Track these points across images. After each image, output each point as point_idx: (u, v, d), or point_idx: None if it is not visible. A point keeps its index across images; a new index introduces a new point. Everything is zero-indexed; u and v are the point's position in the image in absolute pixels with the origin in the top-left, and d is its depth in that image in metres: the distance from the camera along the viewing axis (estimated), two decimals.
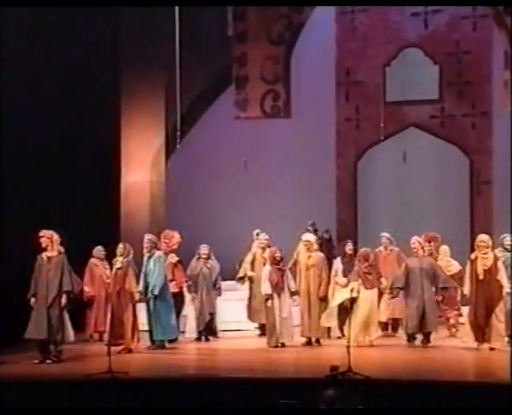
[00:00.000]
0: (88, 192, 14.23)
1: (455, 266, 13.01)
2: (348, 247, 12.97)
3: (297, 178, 16.33)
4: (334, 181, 16.60)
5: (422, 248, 12.32)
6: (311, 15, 15.97)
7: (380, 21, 16.24)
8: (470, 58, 16.10)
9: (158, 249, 12.37)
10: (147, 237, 12.37)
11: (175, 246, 13.23)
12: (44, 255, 11.05)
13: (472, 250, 15.74)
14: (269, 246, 13.11)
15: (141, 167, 15.46)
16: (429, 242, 13.66)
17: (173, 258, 13.13)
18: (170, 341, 12.27)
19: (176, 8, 13.46)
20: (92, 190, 14.24)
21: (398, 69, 16.29)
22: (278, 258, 12.17)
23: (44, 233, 11.06)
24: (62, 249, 11.12)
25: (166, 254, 13.02)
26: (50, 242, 11.01)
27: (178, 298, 13.07)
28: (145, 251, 12.24)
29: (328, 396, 6.70)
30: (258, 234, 13.66)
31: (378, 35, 16.20)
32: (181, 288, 13.12)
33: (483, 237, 11.79)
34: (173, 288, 12.86)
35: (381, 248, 13.38)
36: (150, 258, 12.19)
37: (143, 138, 15.45)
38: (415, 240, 12.33)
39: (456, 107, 16.24)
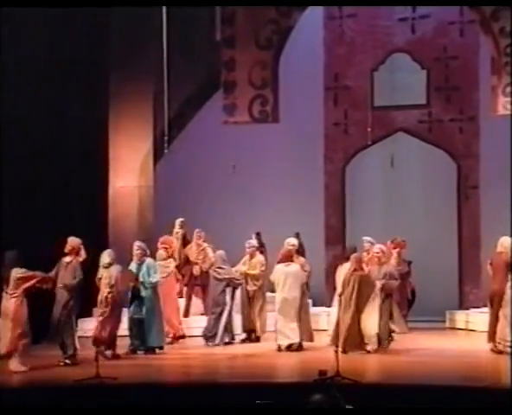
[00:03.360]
0: (76, 197, 14.20)
1: None
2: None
3: (286, 183, 16.35)
4: (322, 185, 16.61)
5: (384, 255, 12.35)
6: (299, 20, 15.98)
7: (368, 26, 16.28)
8: (458, 63, 16.15)
9: (148, 256, 12.34)
10: (137, 244, 12.29)
11: (173, 252, 13.35)
12: (63, 261, 11.31)
13: (460, 253, 15.90)
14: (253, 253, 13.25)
15: (129, 172, 15.45)
16: (394, 248, 13.71)
17: (171, 263, 13.21)
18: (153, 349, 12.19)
19: (164, 12, 13.48)
20: (80, 195, 14.21)
21: (386, 74, 16.33)
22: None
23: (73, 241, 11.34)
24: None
25: (165, 260, 13.08)
26: (74, 250, 11.28)
27: None
28: (136, 259, 12.18)
29: (315, 400, 6.70)
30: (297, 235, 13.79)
31: (366, 41, 16.23)
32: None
33: None
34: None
35: (364, 253, 13.40)
36: (140, 265, 12.15)
37: (131, 143, 15.44)
38: (378, 249, 12.36)
39: (443, 112, 16.29)
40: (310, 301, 13.33)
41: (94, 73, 14.76)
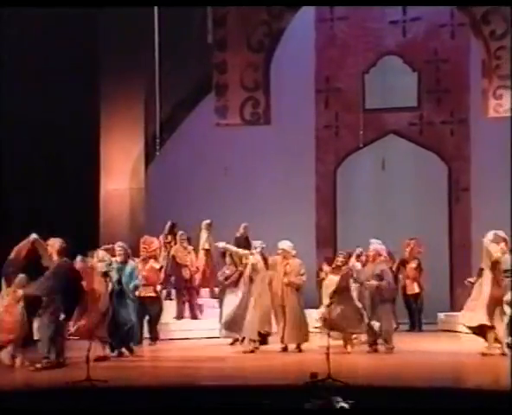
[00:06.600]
0: (68, 199, 14.19)
1: None
2: (340, 259, 13.04)
3: (277, 185, 16.37)
4: (313, 187, 16.65)
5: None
6: (291, 22, 16.01)
7: (359, 28, 16.33)
8: (449, 66, 16.22)
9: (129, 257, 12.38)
10: (120, 244, 12.26)
11: (154, 253, 13.26)
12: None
13: (451, 255, 15.91)
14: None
15: (121, 174, 15.45)
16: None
17: (155, 263, 13.18)
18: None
19: (156, 15, 13.49)
20: (71, 197, 14.20)
21: (377, 77, 16.39)
22: None
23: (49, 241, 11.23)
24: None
25: (145, 260, 13.03)
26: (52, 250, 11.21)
27: (155, 304, 13.08)
28: (120, 259, 12.17)
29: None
30: None
31: (357, 43, 16.28)
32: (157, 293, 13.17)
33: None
34: (151, 292, 12.91)
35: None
36: (123, 265, 12.18)
37: (122, 145, 15.44)
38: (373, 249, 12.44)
39: (434, 114, 16.35)
40: None
41: (86, 75, 14.75)
